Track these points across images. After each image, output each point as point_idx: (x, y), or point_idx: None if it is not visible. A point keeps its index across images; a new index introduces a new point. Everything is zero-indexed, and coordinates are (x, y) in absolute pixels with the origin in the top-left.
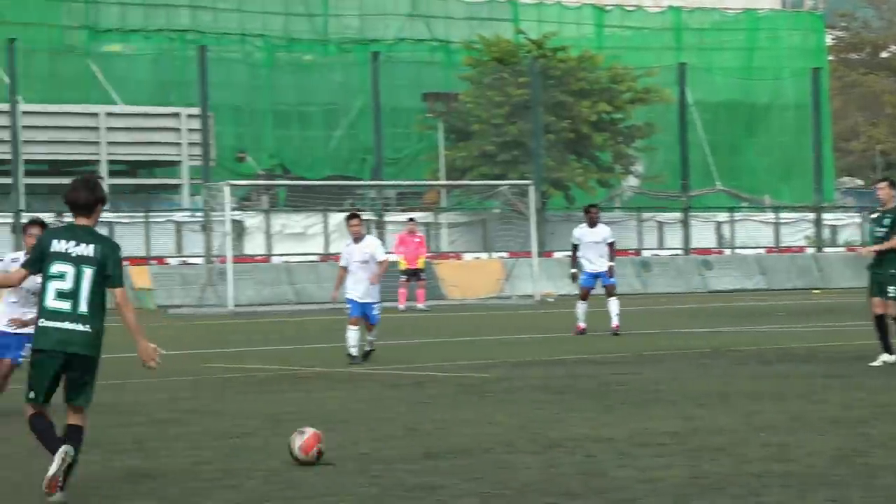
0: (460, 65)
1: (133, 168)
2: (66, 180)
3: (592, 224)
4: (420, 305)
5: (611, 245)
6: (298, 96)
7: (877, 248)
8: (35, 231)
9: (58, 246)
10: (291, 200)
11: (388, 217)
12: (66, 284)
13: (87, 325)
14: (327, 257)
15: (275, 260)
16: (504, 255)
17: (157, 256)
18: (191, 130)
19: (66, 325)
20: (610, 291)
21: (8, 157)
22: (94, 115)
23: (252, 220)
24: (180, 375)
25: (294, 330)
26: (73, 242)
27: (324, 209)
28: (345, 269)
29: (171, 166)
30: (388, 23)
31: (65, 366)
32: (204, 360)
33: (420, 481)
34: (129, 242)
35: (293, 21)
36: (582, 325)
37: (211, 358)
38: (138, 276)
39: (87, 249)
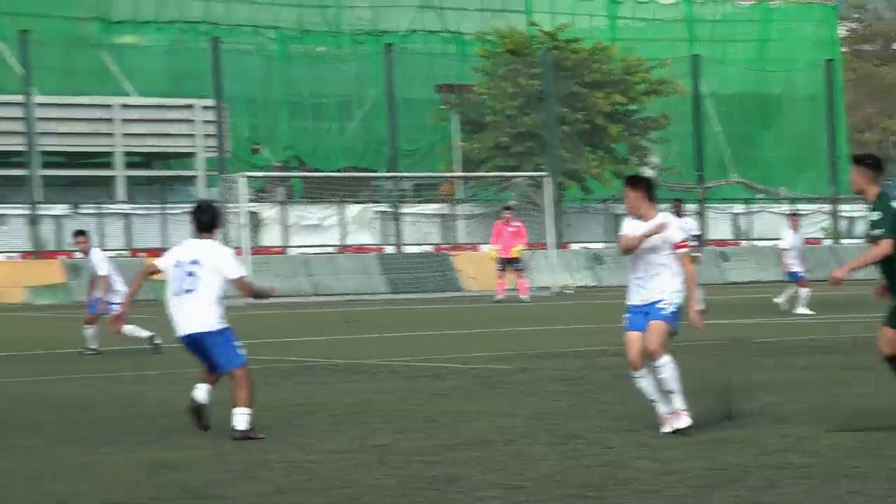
0: (473, 56)
1: (148, 159)
2: (81, 172)
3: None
4: (523, 297)
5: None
6: (312, 88)
7: (852, 265)
8: (81, 239)
9: None
10: (307, 192)
11: (404, 209)
12: None
13: None
14: (344, 249)
15: (291, 252)
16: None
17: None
18: (205, 122)
19: None
20: None
21: (23, 148)
22: (109, 106)
23: (268, 212)
24: (195, 367)
25: (311, 322)
26: None
27: (340, 201)
28: None
29: (186, 158)
30: (401, 14)
31: None
32: None
33: (439, 473)
34: (146, 234)
35: (306, 12)
36: None
37: None
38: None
39: None
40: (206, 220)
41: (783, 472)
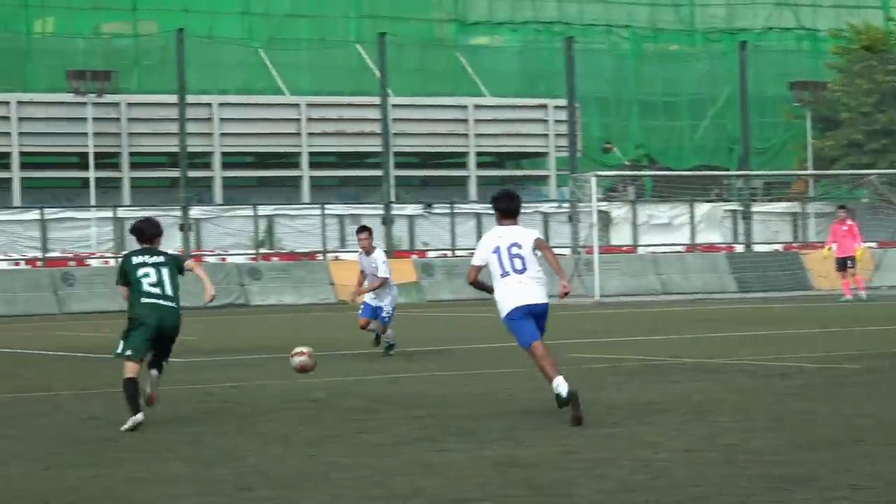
0: (828, 53)
1: (500, 159)
2: (435, 172)
3: None
4: (862, 294)
5: None
6: (664, 86)
7: None
8: (363, 236)
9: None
10: (657, 191)
11: (756, 207)
12: None
13: None
14: (693, 247)
15: (640, 250)
16: (873, 245)
17: None
18: (557, 122)
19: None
20: None
21: (379, 149)
22: (463, 107)
23: (618, 211)
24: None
25: (659, 320)
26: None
27: (690, 199)
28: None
29: (537, 157)
30: (756, 12)
31: None
32: (570, 350)
33: (787, 472)
34: None
35: (659, 11)
36: None
37: (577, 348)
38: None
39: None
40: (514, 207)
41: None
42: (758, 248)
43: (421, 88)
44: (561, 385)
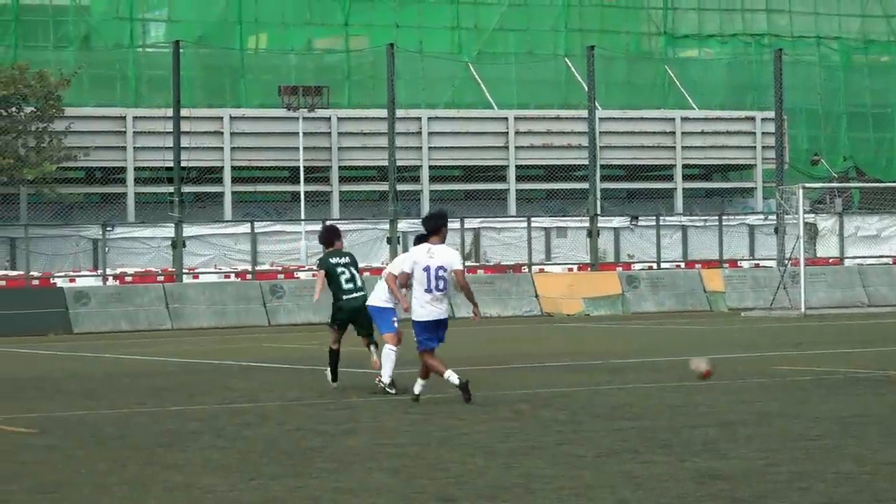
0: None
1: (707, 172)
2: (641, 185)
3: None
4: None
5: None
6: (874, 98)
7: None
8: None
9: None
10: (865, 202)
11: None
12: None
13: None
14: None
15: (847, 262)
16: None
17: (730, 259)
18: (765, 134)
19: None
20: None
21: (585, 162)
22: (670, 119)
23: (825, 223)
24: (751, 377)
25: (865, 332)
26: None
27: None
28: None
29: (744, 170)
30: None
31: None
32: (774, 363)
33: None
34: (702, 246)
35: (870, 23)
36: None
37: (781, 360)
38: (711, 279)
39: None
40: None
41: None
42: None
43: (628, 101)
44: (452, 376)
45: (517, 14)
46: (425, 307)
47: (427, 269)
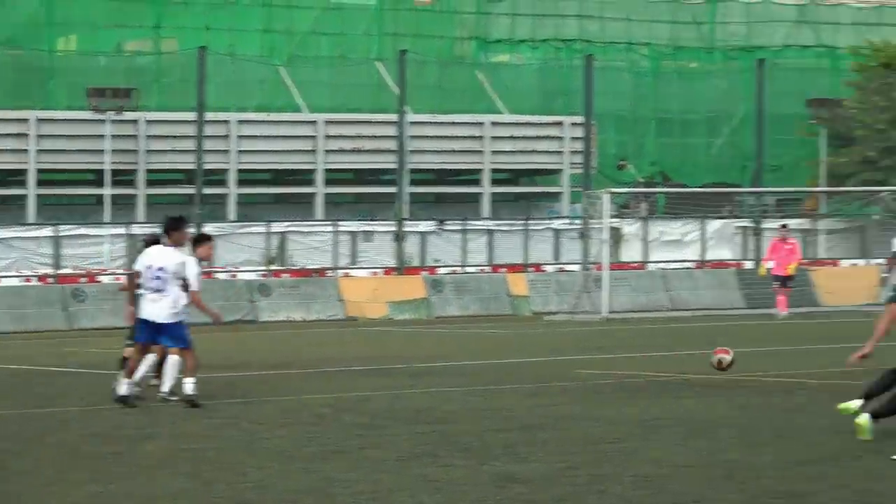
0: (846, 71)
1: (514, 176)
2: (449, 189)
3: None
4: (781, 313)
5: None
6: (682, 104)
7: None
8: None
9: None
10: (670, 208)
11: (766, 224)
12: None
13: None
14: (703, 264)
15: (650, 267)
16: (881, 261)
17: (535, 264)
18: (573, 139)
19: None
20: None
21: (394, 166)
22: (480, 124)
23: (629, 228)
24: (553, 381)
25: (667, 336)
26: None
27: (702, 216)
28: None
29: (552, 174)
30: (775, 29)
31: None
32: (577, 366)
33: (787, 489)
34: (508, 250)
35: (680, 28)
36: None
37: (583, 364)
38: (515, 284)
39: None
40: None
41: None
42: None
43: (439, 106)
44: (123, 386)
45: (330, 18)
46: (144, 306)
47: (149, 268)
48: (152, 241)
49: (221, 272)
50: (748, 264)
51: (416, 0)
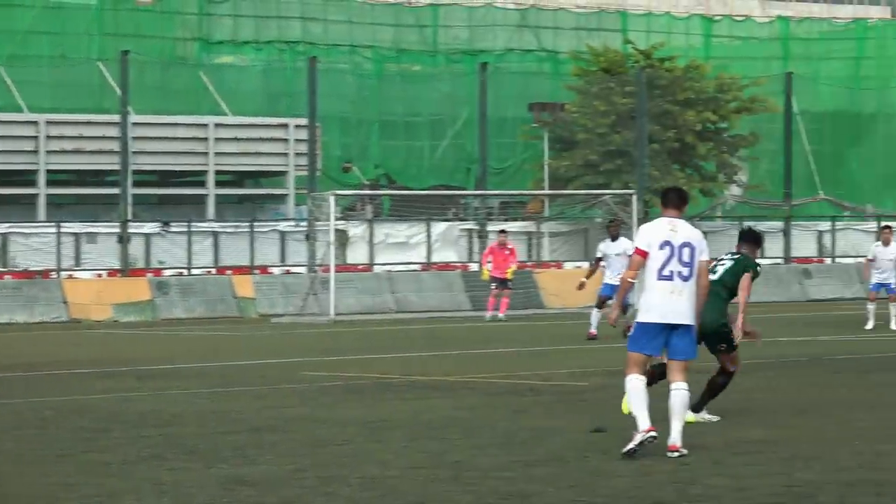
0: (568, 75)
1: (240, 178)
2: (172, 190)
3: (614, 238)
4: (500, 315)
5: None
6: (406, 107)
7: None
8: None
9: None
10: (395, 210)
11: (491, 226)
12: None
13: None
14: (429, 266)
15: (377, 269)
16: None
17: (261, 266)
18: (298, 141)
19: None
20: None
21: (117, 167)
22: (204, 126)
23: (355, 230)
24: (280, 383)
25: (393, 338)
26: None
27: (427, 219)
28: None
29: (277, 176)
30: (497, 33)
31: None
32: (304, 368)
33: (514, 489)
34: (234, 252)
35: (403, 32)
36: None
37: (310, 366)
38: (241, 286)
39: None
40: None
41: (855, 488)
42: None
43: (162, 107)
44: None
45: (50, 17)
46: None
47: None
48: None
49: None
50: (473, 266)
51: (138, 0)
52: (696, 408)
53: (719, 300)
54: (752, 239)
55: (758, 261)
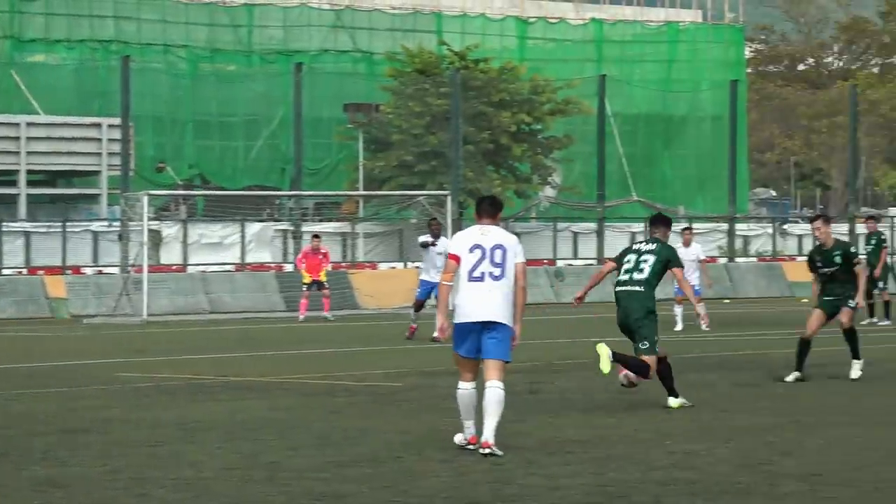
0: (383, 76)
1: (52, 178)
2: None
3: (436, 237)
4: (327, 315)
5: None
6: (220, 107)
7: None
8: None
9: None
10: (209, 210)
11: (305, 227)
12: None
13: None
14: (243, 267)
15: (190, 269)
16: (420, 265)
17: (73, 266)
18: (111, 140)
19: None
20: None
21: None
22: (16, 125)
23: (169, 230)
24: (92, 384)
25: (207, 339)
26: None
27: (242, 219)
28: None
29: (90, 176)
30: (312, 34)
31: None
32: (117, 369)
33: (328, 489)
34: (46, 252)
35: (218, 32)
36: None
37: (123, 367)
38: (53, 286)
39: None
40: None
41: (668, 488)
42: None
43: None
44: None
45: None
46: None
47: None
48: None
49: None
50: (288, 267)
51: None
52: (672, 393)
53: (645, 298)
54: (664, 222)
55: (572, 262)
